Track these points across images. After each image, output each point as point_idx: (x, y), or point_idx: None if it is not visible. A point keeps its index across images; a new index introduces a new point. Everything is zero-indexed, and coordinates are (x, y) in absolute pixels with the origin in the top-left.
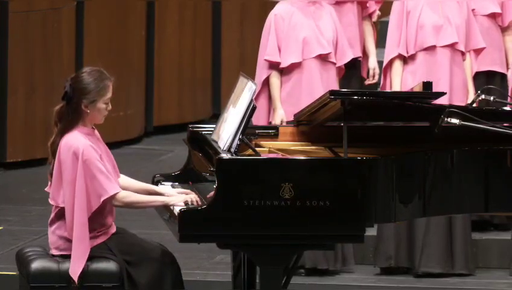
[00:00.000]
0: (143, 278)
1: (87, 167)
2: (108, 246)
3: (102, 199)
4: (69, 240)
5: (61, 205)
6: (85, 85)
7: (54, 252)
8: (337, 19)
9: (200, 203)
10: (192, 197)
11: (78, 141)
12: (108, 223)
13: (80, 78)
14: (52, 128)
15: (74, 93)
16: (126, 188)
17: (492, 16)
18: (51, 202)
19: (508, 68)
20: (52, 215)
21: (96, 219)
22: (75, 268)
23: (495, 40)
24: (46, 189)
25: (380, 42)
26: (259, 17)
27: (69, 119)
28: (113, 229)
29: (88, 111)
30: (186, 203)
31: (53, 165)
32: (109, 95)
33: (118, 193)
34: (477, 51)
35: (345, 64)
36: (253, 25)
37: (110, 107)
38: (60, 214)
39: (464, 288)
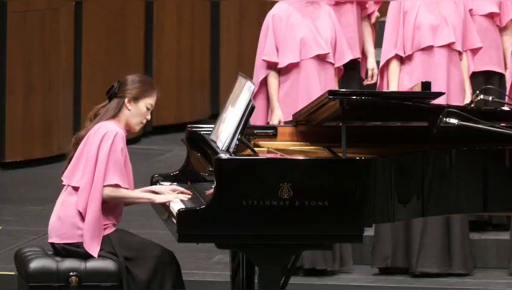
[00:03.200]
0: (143, 275)
1: (110, 151)
2: (111, 240)
3: (105, 183)
4: (75, 228)
5: (74, 184)
6: (133, 82)
7: (55, 240)
8: (336, 19)
9: (187, 198)
10: (179, 196)
11: (113, 127)
12: (116, 218)
13: (128, 77)
14: (85, 122)
15: (120, 89)
16: None
17: (490, 16)
18: (64, 179)
19: (506, 68)
20: (61, 198)
21: (107, 211)
22: (92, 247)
23: (493, 40)
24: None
25: (379, 42)
26: (257, 18)
27: (109, 112)
28: (115, 227)
29: (129, 108)
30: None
31: (71, 157)
32: (152, 101)
33: (118, 185)
34: (474, 51)
35: (345, 65)
36: (251, 25)
37: (149, 116)
38: (69, 198)
39: (463, 288)
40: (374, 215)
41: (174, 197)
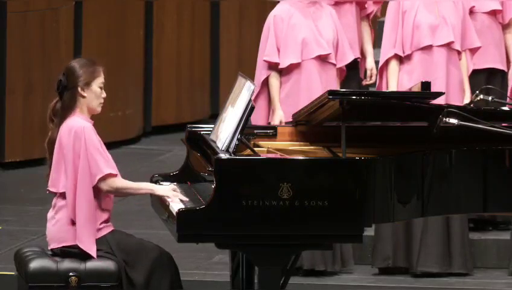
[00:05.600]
0: (141, 277)
1: (87, 146)
2: (108, 242)
3: (97, 178)
4: (70, 230)
5: (62, 190)
6: (77, 70)
7: (53, 245)
8: (337, 20)
9: (184, 199)
10: (178, 194)
11: (79, 123)
12: (108, 213)
13: (71, 66)
14: (47, 124)
15: (68, 80)
16: None
17: (493, 13)
18: (51, 189)
19: (508, 66)
20: (53, 206)
21: (99, 209)
22: (89, 246)
23: (495, 38)
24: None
25: (378, 42)
26: (257, 18)
27: (67, 107)
28: (112, 227)
29: (85, 95)
30: (168, 197)
31: (51, 163)
32: (102, 79)
33: (111, 174)
34: (473, 50)
35: (345, 65)
36: (251, 25)
37: (104, 94)
38: (61, 203)
39: (463, 288)
40: (374, 215)
41: (173, 195)
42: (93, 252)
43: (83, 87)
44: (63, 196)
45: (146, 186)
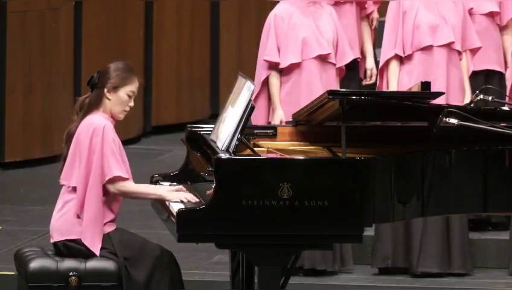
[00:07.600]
0: (141, 276)
1: (103, 145)
2: (111, 239)
3: (106, 178)
4: (76, 224)
5: (74, 185)
6: (110, 71)
7: (57, 238)
8: (337, 19)
9: (195, 201)
10: (188, 196)
11: (100, 121)
12: (114, 213)
13: (107, 66)
14: (73, 116)
15: (99, 79)
16: None
17: (491, 15)
18: (62, 182)
19: (506, 67)
20: (61, 199)
21: (106, 208)
22: (93, 243)
23: (493, 39)
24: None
25: (379, 43)
26: (257, 18)
27: (92, 104)
28: (115, 227)
29: (110, 98)
30: (182, 201)
31: (67, 150)
32: (133, 88)
33: (121, 177)
34: (474, 51)
35: (345, 65)
36: (251, 25)
37: (132, 103)
38: (70, 197)
39: (463, 288)
40: (374, 215)
41: (184, 197)
42: (96, 250)
43: (110, 90)
44: (73, 189)
45: (155, 192)
